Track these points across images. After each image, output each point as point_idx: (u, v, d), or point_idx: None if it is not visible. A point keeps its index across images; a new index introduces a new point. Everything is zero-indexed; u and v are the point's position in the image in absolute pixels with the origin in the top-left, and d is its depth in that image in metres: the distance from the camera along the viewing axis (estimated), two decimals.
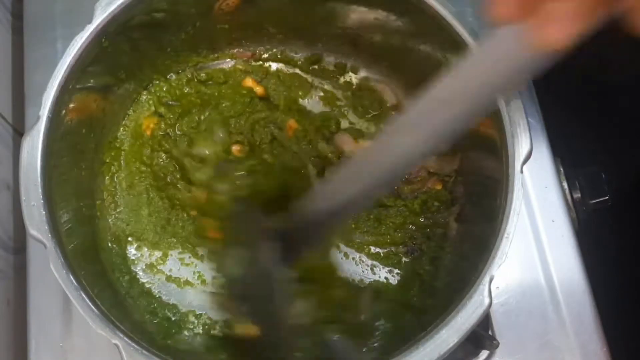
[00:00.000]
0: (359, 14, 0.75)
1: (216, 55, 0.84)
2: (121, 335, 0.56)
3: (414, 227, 0.78)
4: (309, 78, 0.84)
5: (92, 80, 0.69)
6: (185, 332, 0.74)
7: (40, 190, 0.59)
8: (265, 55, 0.84)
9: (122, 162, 0.80)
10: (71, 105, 0.65)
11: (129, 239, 0.78)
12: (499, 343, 0.71)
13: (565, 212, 0.79)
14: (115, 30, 0.66)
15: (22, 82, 0.84)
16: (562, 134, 0.84)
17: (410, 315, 0.72)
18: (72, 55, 0.63)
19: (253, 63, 0.84)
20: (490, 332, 0.74)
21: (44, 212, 0.59)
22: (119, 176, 0.80)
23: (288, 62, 0.84)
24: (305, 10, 0.77)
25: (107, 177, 0.79)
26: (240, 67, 0.84)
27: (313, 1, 0.75)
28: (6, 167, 0.82)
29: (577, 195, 0.80)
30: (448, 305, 0.59)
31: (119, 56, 0.71)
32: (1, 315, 0.76)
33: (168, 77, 0.82)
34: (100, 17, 0.64)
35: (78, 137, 0.70)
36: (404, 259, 0.77)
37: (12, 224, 0.82)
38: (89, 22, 0.64)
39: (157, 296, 0.75)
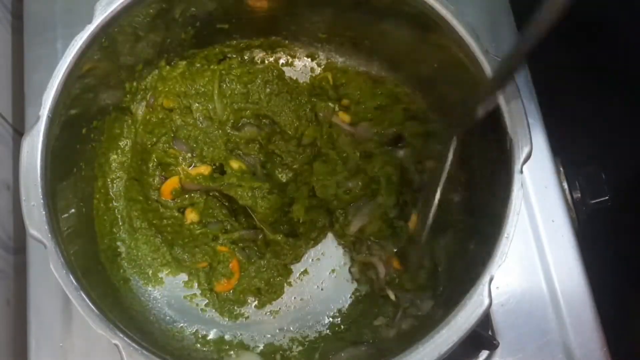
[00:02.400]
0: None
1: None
2: (121, 335, 0.56)
3: None
4: None
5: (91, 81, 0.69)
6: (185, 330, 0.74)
7: (40, 190, 0.59)
8: None
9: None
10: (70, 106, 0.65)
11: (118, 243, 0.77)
12: (499, 343, 0.72)
13: (565, 212, 0.79)
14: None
15: (22, 82, 0.84)
16: (562, 134, 0.84)
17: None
18: (72, 55, 0.63)
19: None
20: (490, 332, 0.74)
21: (44, 212, 0.59)
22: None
23: None
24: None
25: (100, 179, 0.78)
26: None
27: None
28: (6, 167, 0.82)
29: (577, 195, 0.80)
30: (448, 305, 0.59)
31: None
32: (1, 315, 0.76)
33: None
34: (100, 17, 0.64)
35: (78, 138, 0.70)
36: None
37: (12, 224, 0.82)
38: (89, 22, 0.64)
39: None
